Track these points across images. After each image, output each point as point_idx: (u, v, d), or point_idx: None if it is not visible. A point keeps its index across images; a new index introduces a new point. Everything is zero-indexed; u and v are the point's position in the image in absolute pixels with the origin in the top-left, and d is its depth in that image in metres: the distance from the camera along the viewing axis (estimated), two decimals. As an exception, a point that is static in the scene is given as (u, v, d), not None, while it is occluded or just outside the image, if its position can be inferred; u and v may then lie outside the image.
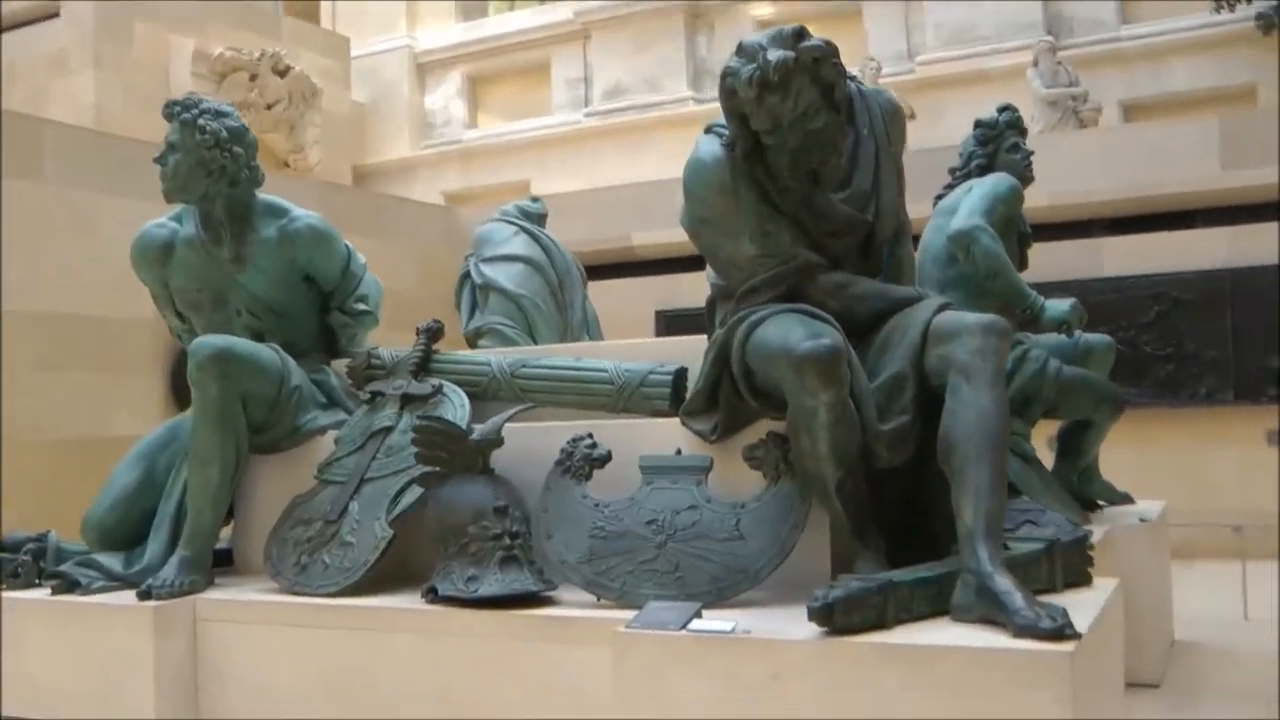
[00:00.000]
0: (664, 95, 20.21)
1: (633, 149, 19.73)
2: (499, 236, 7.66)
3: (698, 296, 13.15)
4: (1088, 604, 3.88)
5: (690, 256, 13.71)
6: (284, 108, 17.69)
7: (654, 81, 20.35)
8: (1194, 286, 11.54)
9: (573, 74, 21.34)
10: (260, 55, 17.17)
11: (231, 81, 16.86)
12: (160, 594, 4.91)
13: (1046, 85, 15.76)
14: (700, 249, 4.59)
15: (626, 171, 18.42)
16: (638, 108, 20.30)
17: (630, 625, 3.77)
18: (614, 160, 19.63)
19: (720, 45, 20.23)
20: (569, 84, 21.34)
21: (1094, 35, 17.47)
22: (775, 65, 3.97)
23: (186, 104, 5.51)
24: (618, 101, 20.60)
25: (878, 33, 19.00)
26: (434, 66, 22.40)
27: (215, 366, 5.08)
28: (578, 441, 4.57)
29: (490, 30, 22.21)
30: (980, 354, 3.94)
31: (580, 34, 21.25)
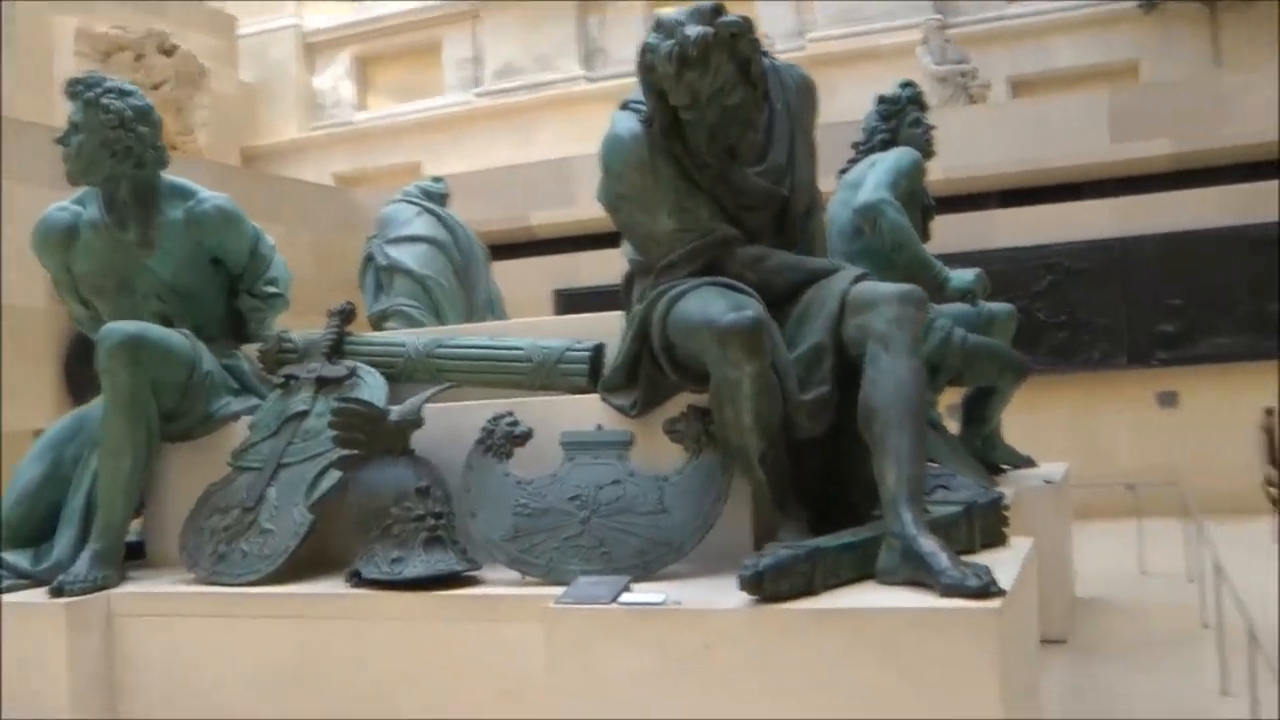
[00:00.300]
0: (556, 74, 20.15)
1: (525, 129, 19.66)
2: (402, 217, 7.61)
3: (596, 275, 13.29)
4: (1007, 562, 3.97)
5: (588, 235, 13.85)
6: (171, 88, 17.34)
7: (545, 61, 20.27)
8: (1085, 256, 11.87)
9: (463, 54, 21.18)
10: (145, 34, 16.82)
11: (116, 61, 16.48)
12: (73, 590, 4.78)
13: (936, 62, 15.98)
14: (618, 224, 4.59)
15: (519, 152, 18.35)
16: (529, 87, 20.21)
17: (560, 600, 3.78)
18: (506, 140, 19.52)
19: (612, 24, 20.23)
20: (459, 64, 21.17)
21: (981, 14, 17.74)
22: (694, 41, 3.99)
23: (89, 82, 5.38)
24: (509, 81, 20.48)
25: (769, 10, 19.08)
26: (322, 47, 22.09)
27: (126, 353, 4.97)
28: (498, 420, 4.56)
29: (379, 10, 21.90)
30: (897, 323, 4.00)
31: (470, 14, 21.08)
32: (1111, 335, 11.88)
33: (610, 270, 13.07)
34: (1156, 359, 11.76)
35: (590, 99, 19.59)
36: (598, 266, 13.34)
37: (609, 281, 12.90)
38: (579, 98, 19.66)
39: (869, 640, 3.41)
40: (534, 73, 20.26)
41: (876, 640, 3.40)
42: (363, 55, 22.05)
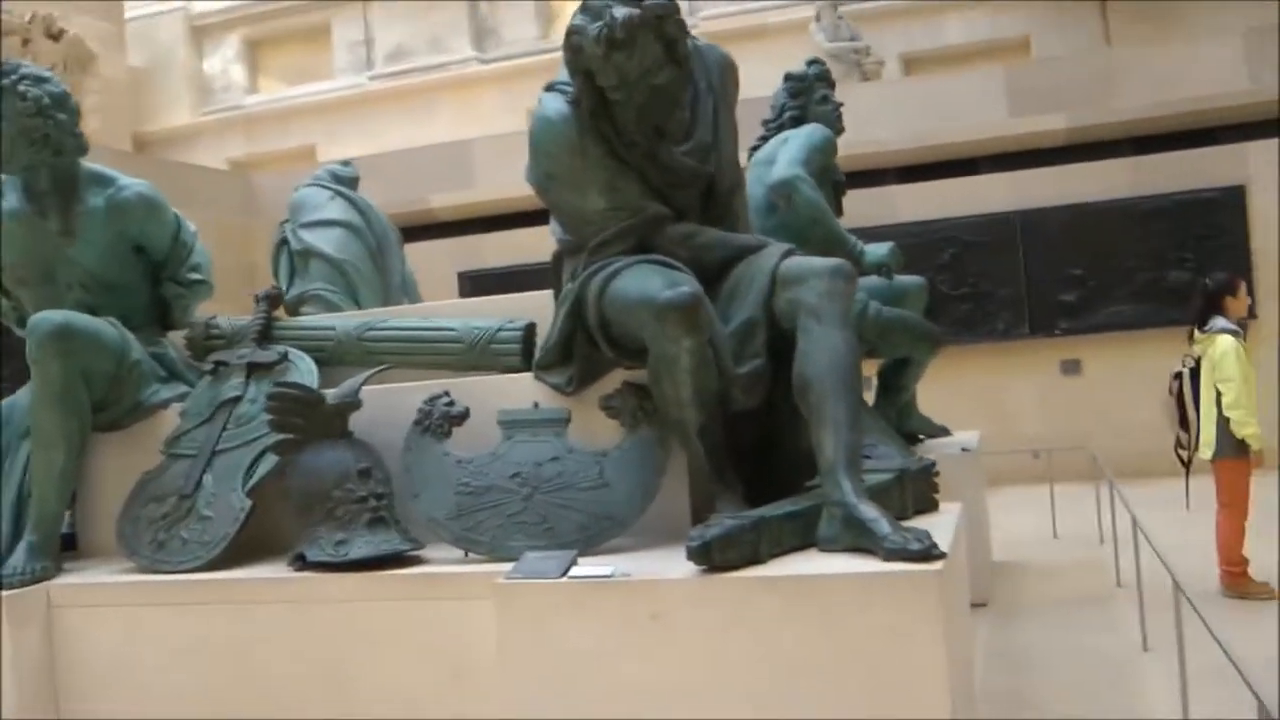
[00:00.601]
0: (448, 56, 20.05)
1: (419, 111, 19.56)
2: (315, 201, 7.54)
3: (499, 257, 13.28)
4: (942, 526, 4.09)
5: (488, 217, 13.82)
6: (59, 74, 16.94)
7: (437, 43, 20.17)
8: (985, 229, 12.14)
9: (354, 36, 20.99)
10: (31, 18, 16.46)
11: (3, 45, 16.11)
12: (11, 583, 4.74)
13: (829, 39, 16.14)
14: (548, 204, 4.65)
15: (415, 134, 18.27)
16: (421, 69, 20.11)
17: (510, 576, 3.84)
18: (400, 123, 19.41)
19: (503, 5, 20.16)
20: (350, 47, 20.99)
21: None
22: (622, 22, 4.06)
23: (4, 70, 5.28)
24: (401, 64, 20.36)
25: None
26: (211, 30, 21.77)
27: (56, 343, 4.92)
28: (435, 400, 4.59)
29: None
30: (828, 296, 4.10)
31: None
32: (1014, 306, 12.17)
33: (513, 251, 13.20)
34: (1059, 328, 12.06)
35: (483, 80, 19.59)
36: (500, 248, 13.37)
37: (512, 262, 13.02)
38: (472, 79, 19.63)
39: (816, 606, 3.51)
40: (426, 55, 20.16)
41: (824, 606, 3.50)
42: (252, 38, 21.78)
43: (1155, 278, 11.70)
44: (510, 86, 19.25)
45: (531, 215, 13.23)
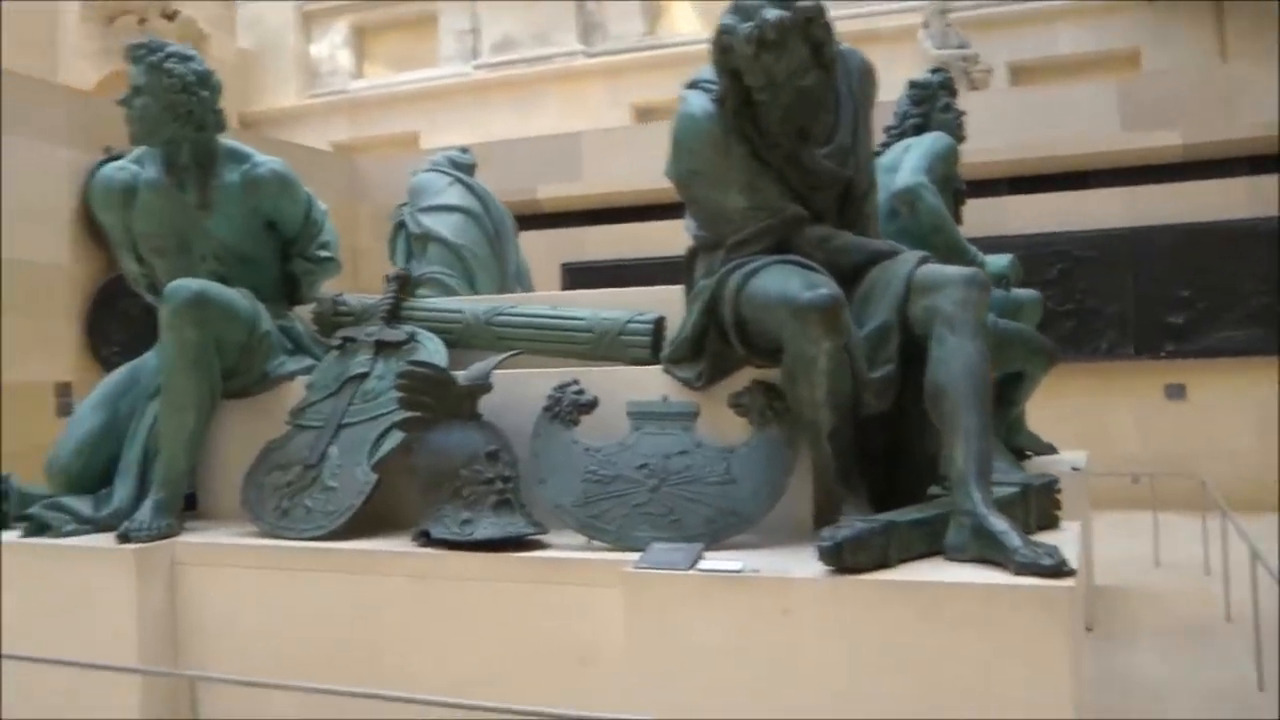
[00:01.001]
0: (554, 48, 20.12)
1: (523, 102, 19.66)
2: (435, 186, 7.64)
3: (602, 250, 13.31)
4: (1065, 543, 4.05)
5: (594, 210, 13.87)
6: (173, 52, 17.31)
7: (543, 35, 20.25)
8: (1095, 245, 11.96)
9: (461, 25, 21.11)
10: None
11: (120, 25, 16.50)
12: (139, 537, 4.91)
13: (937, 46, 16.03)
14: (687, 201, 4.66)
15: (517, 124, 18.37)
16: (527, 61, 20.18)
17: (639, 565, 3.87)
18: (504, 113, 19.52)
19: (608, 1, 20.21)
20: (457, 36, 21.12)
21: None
22: (773, 23, 4.08)
23: (152, 47, 5.45)
24: (507, 54, 20.45)
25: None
26: (320, 15, 21.99)
27: (192, 310, 5.07)
28: (564, 388, 4.64)
29: (377, -21, 21.89)
30: (964, 305, 4.11)
31: (469, -15, 21.06)
32: (1120, 325, 11.97)
33: (615, 245, 13.22)
34: (1165, 350, 11.85)
35: (589, 73, 19.66)
36: (603, 241, 13.42)
37: (614, 256, 13.03)
38: (577, 72, 19.70)
39: (945, 614, 3.51)
40: (532, 46, 20.24)
41: (952, 614, 3.50)
42: (360, 24, 21.98)
43: (1268, 303, 11.42)
44: (615, 81, 19.32)
45: (636, 210, 13.32)
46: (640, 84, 19.16)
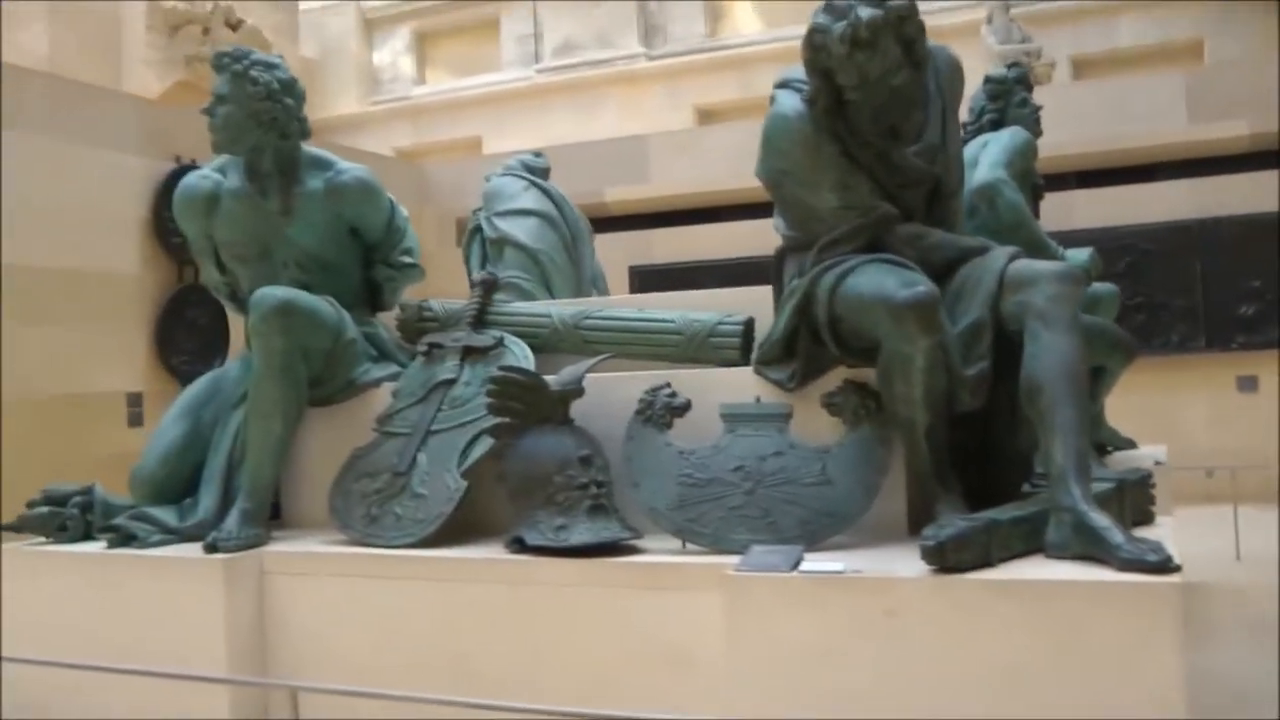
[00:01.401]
0: (616, 52, 20.16)
1: (585, 106, 19.72)
2: (510, 191, 7.64)
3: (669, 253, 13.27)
4: (1164, 539, 4.02)
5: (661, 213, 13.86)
6: (237, 62, 17.49)
7: (605, 38, 20.29)
8: (1163, 237, 11.83)
9: (523, 30, 21.21)
10: (213, 8, 16.93)
11: (184, 34, 16.63)
12: (227, 547, 4.94)
13: (1000, 42, 15.90)
14: (778, 201, 4.67)
15: (580, 128, 18.41)
16: (589, 64, 20.23)
17: (739, 568, 3.87)
18: (566, 117, 19.57)
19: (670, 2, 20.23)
20: (519, 40, 21.22)
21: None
22: (866, 22, 4.07)
23: (236, 55, 5.49)
24: (569, 58, 20.51)
25: (830, -12, 19.03)
26: (381, 22, 22.18)
27: (280, 318, 5.10)
28: (657, 391, 4.63)
29: (438, -15, 22.05)
30: (1057, 300, 4.08)
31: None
32: (1189, 318, 11.84)
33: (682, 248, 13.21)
34: (1236, 343, 11.72)
35: (651, 76, 19.69)
36: (670, 244, 13.41)
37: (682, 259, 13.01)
38: (640, 75, 19.73)
39: (1051, 612, 3.49)
40: (594, 49, 20.28)
41: (1060, 612, 3.48)
42: (421, 30, 22.14)
43: (1339, 293, 11.36)
44: (676, 83, 19.35)
45: (703, 212, 13.31)
46: (702, 86, 19.19)
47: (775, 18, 19.44)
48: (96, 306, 9.76)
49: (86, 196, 9.69)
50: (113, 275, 9.93)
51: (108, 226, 9.93)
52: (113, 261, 9.99)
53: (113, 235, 10.01)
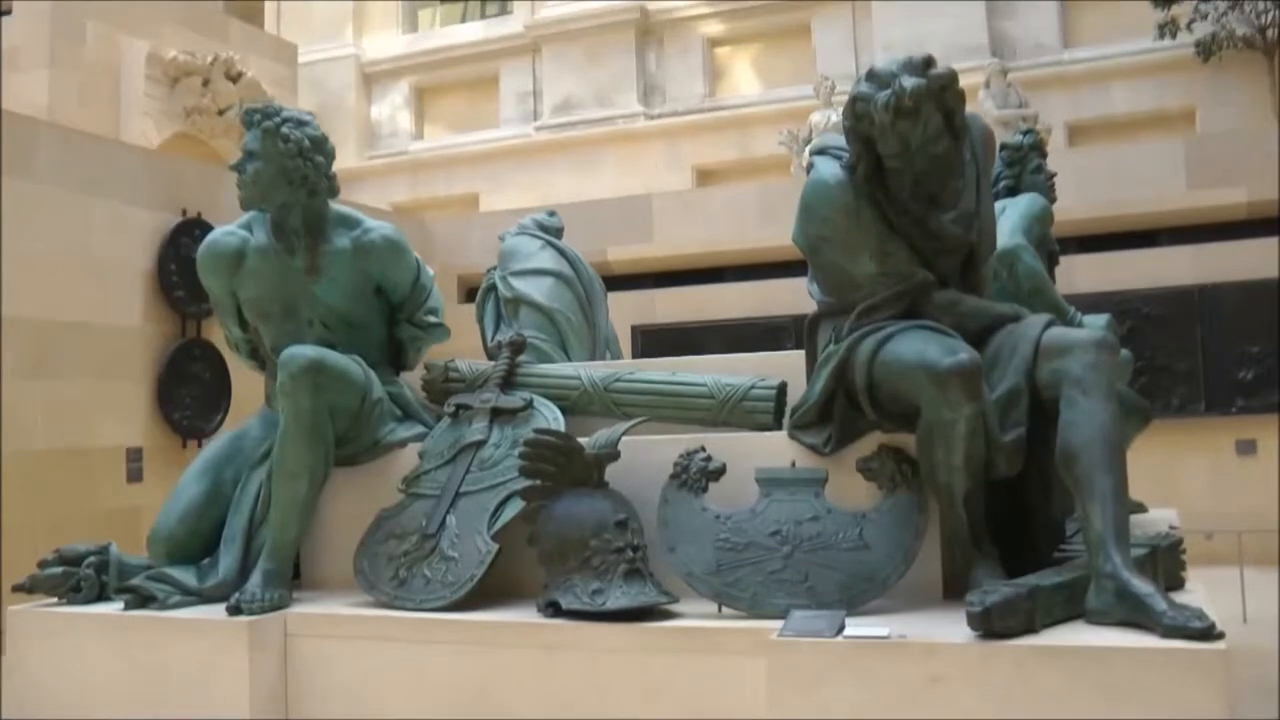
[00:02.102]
0: (615, 110, 20.31)
1: (584, 164, 19.84)
2: (525, 250, 7.65)
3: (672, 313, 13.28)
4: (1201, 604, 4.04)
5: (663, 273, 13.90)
6: (235, 113, 17.56)
7: (604, 96, 20.44)
8: (1164, 302, 11.94)
9: (522, 87, 21.38)
10: (213, 60, 17.04)
11: (184, 86, 16.73)
12: (251, 609, 4.87)
13: (998, 106, 16.10)
14: (815, 266, 4.70)
15: (578, 186, 18.55)
16: (588, 122, 20.38)
17: (783, 634, 3.87)
18: (565, 174, 19.70)
19: (669, 60, 20.43)
20: (518, 97, 21.37)
21: (1038, 58, 17.89)
22: (911, 92, 4.11)
23: (267, 112, 5.49)
24: (568, 115, 20.65)
25: (826, 51, 19.27)
26: (380, 76, 22.33)
27: (308, 377, 5.07)
28: (692, 455, 4.63)
29: (438, 41, 22.20)
30: (1094, 368, 4.13)
31: (530, 47, 21.29)
32: (1190, 382, 11.93)
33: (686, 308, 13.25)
34: (1235, 407, 11.81)
35: (649, 135, 19.83)
36: (673, 304, 13.46)
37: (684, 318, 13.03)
38: (639, 134, 19.88)
39: (1097, 679, 3.52)
40: (593, 108, 20.43)
41: (1104, 679, 3.51)
42: (420, 85, 22.28)
43: (1336, 358, 11.47)
44: (675, 142, 19.50)
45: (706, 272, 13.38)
46: (700, 145, 19.34)
47: (773, 79, 19.66)
48: (98, 360, 9.74)
49: (91, 248, 9.70)
50: (115, 328, 9.92)
51: (112, 279, 9.93)
52: (116, 314, 9.98)
53: (117, 288, 10.00)
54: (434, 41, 22.26)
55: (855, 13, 19.17)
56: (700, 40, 20.22)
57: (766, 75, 19.92)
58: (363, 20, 22.73)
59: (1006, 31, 18.20)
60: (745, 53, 20.41)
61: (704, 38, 20.25)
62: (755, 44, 20.24)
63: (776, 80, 19.65)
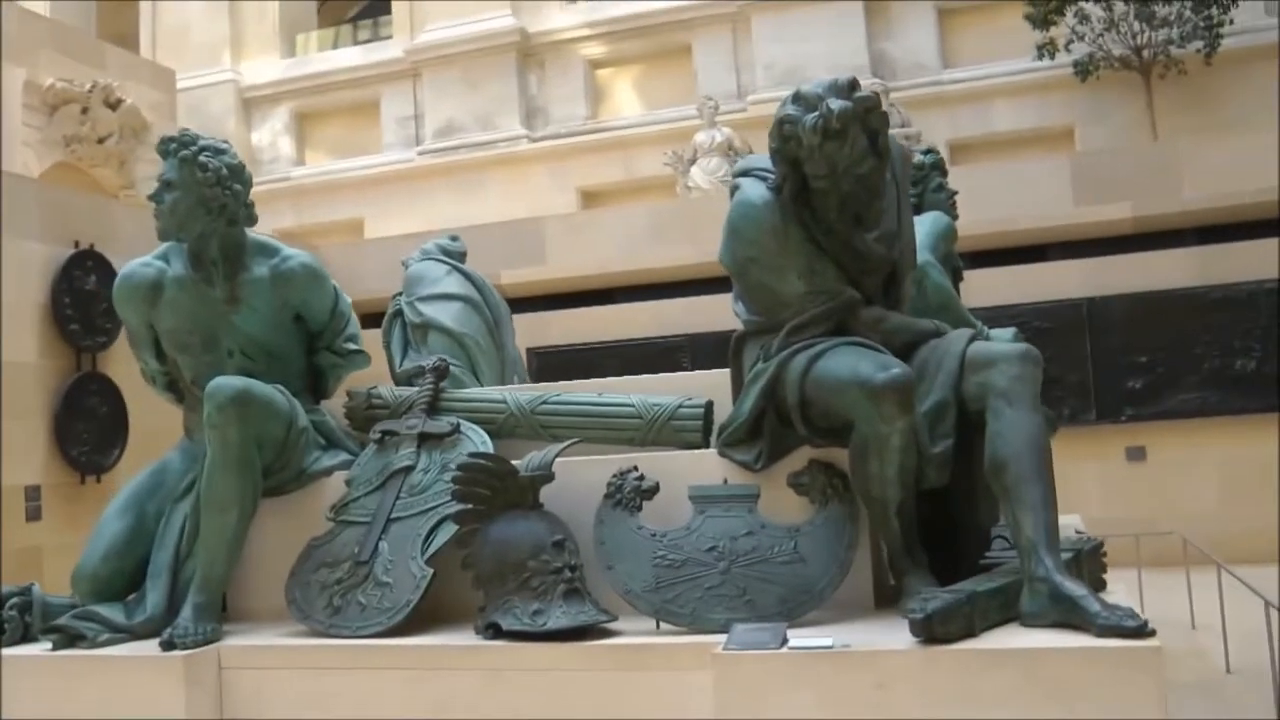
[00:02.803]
0: (497, 133, 20.29)
1: (468, 187, 19.80)
2: (432, 275, 7.62)
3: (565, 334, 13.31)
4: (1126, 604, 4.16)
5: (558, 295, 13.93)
6: (115, 141, 17.32)
7: (486, 119, 20.42)
8: (1054, 315, 12.30)
9: (403, 112, 21.27)
10: (91, 87, 16.74)
11: (63, 114, 16.42)
12: (184, 643, 4.77)
13: (882, 125, 16.31)
14: (743, 287, 4.76)
15: (462, 210, 18.50)
16: (470, 146, 20.33)
17: (728, 647, 3.93)
18: (449, 198, 19.64)
19: (551, 83, 20.48)
20: (399, 122, 21.26)
21: (918, 78, 18.26)
22: (838, 114, 4.21)
23: (184, 140, 5.40)
24: (450, 140, 20.60)
25: (707, 72, 19.47)
26: (260, 102, 22.08)
27: (236, 409, 5.00)
28: (625, 474, 4.66)
29: (317, 67, 22.00)
30: (1020, 380, 4.28)
31: (410, 72, 21.21)
32: (1080, 392, 12.28)
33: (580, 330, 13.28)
34: (1125, 415, 12.17)
35: (533, 158, 19.86)
36: (567, 326, 13.50)
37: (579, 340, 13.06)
38: (521, 157, 19.89)
39: (1039, 679, 3.64)
40: (475, 131, 20.39)
41: (1046, 679, 3.63)
42: (301, 111, 22.08)
43: (1221, 366, 11.85)
44: (559, 164, 19.55)
45: (598, 294, 13.44)
46: (585, 167, 19.41)
47: (655, 99, 19.81)
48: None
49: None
50: (10, 364, 9.69)
51: (4, 313, 9.69)
52: (10, 350, 9.74)
53: (9, 323, 9.76)
54: (313, 67, 22.08)
55: (736, 34, 19.40)
56: (581, 62, 20.31)
57: (648, 96, 20.07)
58: (240, 46, 22.47)
59: (886, 52, 18.55)
60: (627, 74, 20.55)
61: (585, 60, 20.35)
62: (636, 65, 20.38)
63: (658, 101, 19.81)
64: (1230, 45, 15.60)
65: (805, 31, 18.52)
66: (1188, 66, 15.70)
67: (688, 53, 19.78)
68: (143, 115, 17.69)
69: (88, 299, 10.48)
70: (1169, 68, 15.63)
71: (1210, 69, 15.74)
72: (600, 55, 20.39)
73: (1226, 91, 16.09)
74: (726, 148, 16.92)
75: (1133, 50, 15.74)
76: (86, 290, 10.49)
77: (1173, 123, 15.91)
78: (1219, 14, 15.18)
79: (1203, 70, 15.77)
